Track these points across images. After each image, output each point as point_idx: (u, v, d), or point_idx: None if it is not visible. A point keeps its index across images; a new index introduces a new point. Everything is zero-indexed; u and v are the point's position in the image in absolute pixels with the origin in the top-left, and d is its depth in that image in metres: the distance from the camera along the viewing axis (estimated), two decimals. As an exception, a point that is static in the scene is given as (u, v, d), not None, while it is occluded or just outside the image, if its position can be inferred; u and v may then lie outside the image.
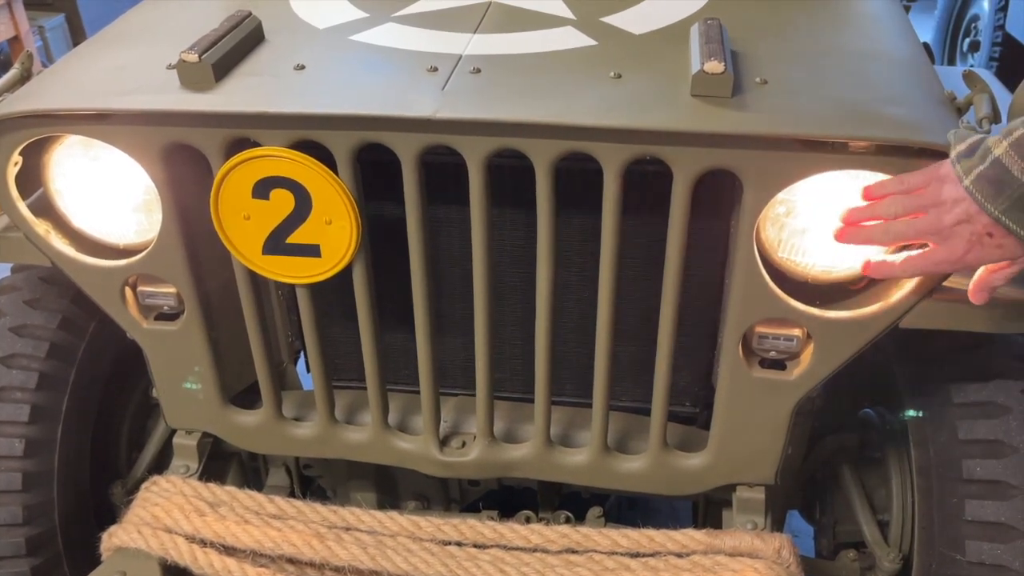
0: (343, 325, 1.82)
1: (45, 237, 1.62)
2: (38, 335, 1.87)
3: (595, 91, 1.43)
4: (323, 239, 1.50)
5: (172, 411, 1.83)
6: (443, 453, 1.74)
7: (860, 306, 1.50)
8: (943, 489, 1.65)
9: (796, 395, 1.58)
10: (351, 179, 1.46)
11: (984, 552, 1.57)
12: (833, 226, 1.42)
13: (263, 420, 1.79)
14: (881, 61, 1.55)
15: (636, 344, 1.75)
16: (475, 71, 1.49)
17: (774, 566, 1.52)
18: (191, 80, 1.46)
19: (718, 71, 1.36)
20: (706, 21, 1.51)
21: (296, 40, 1.65)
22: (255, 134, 1.44)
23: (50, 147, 1.58)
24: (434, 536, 1.62)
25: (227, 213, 1.49)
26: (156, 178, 1.51)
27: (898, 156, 1.34)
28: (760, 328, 1.54)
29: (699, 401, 1.85)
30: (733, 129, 1.33)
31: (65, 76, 1.59)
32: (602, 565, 1.55)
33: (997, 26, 5.14)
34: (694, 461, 1.69)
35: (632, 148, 1.37)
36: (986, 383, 1.65)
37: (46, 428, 1.85)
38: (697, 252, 1.57)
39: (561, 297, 1.61)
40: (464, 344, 1.77)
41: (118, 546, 1.60)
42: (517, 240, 1.67)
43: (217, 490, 1.69)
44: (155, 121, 1.46)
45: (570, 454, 1.72)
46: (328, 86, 1.49)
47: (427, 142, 1.41)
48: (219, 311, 1.71)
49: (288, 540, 1.59)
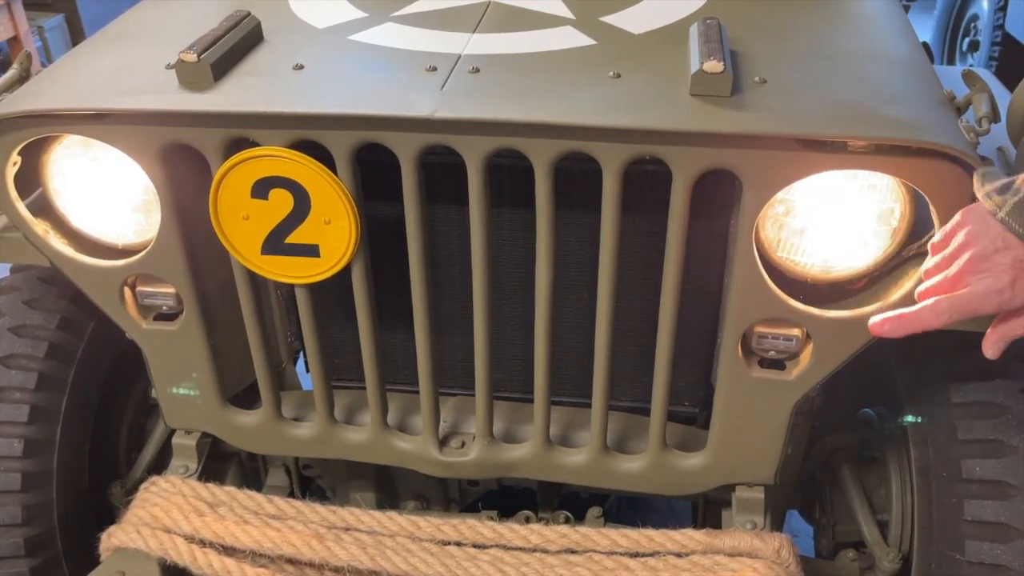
0: (342, 325, 1.81)
1: (44, 237, 1.62)
2: (37, 335, 1.87)
3: (594, 91, 1.43)
4: (322, 239, 1.50)
5: (171, 411, 1.83)
6: (442, 453, 1.74)
7: (859, 306, 1.49)
8: (942, 489, 1.65)
9: (795, 395, 1.58)
10: (350, 179, 1.45)
11: (984, 552, 1.56)
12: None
13: (262, 420, 1.79)
14: (880, 61, 1.55)
15: (635, 344, 1.75)
16: (474, 71, 1.49)
17: (773, 566, 1.52)
18: (190, 80, 1.46)
19: (717, 70, 1.36)
20: (705, 21, 1.51)
21: (295, 40, 1.65)
22: (254, 134, 1.44)
23: (49, 147, 1.58)
24: (433, 536, 1.62)
25: (226, 213, 1.49)
26: (155, 178, 1.51)
27: (898, 156, 1.33)
28: (759, 328, 1.54)
29: (698, 401, 1.85)
30: (732, 129, 1.33)
31: (64, 76, 1.59)
32: (601, 565, 1.54)
33: (996, 26, 5.14)
34: (693, 461, 1.69)
35: (631, 148, 1.37)
36: (985, 383, 1.65)
37: (45, 428, 1.85)
38: (696, 252, 1.57)
39: (560, 297, 1.61)
40: (463, 344, 1.77)
41: (117, 546, 1.60)
42: (516, 240, 1.67)
43: (216, 490, 1.68)
44: (154, 121, 1.46)
45: (569, 454, 1.72)
46: (327, 86, 1.49)
47: (426, 142, 1.41)
48: (218, 311, 1.71)
49: (287, 540, 1.59)
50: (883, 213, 1.45)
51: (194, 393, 1.76)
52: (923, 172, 1.34)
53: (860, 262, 1.50)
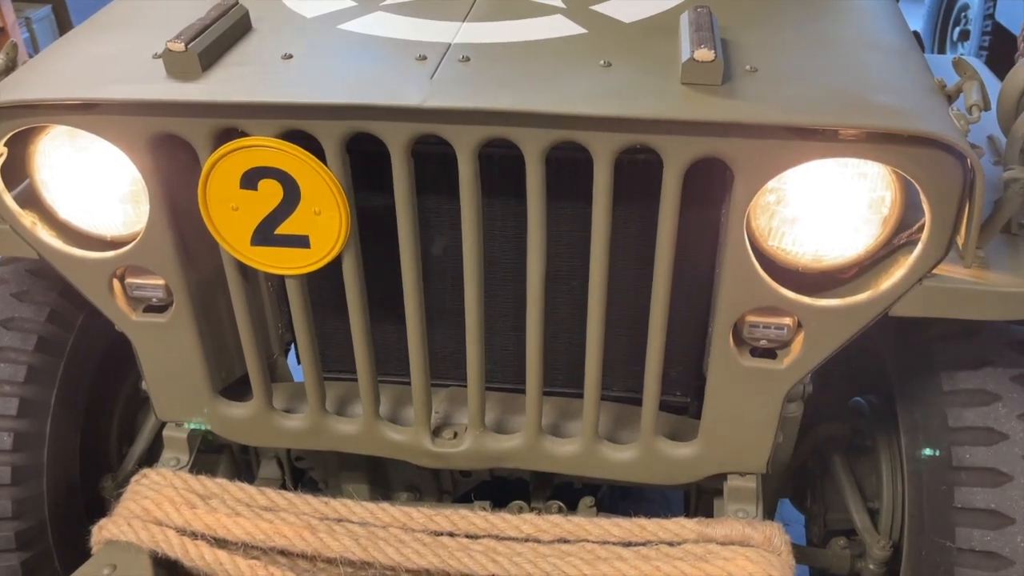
0: (333, 316, 1.81)
1: (31, 229, 1.61)
2: (26, 328, 1.86)
3: (585, 80, 1.42)
4: (312, 230, 1.49)
5: (162, 404, 1.82)
6: (435, 444, 1.73)
7: (850, 294, 1.50)
8: (933, 476, 1.65)
9: (787, 384, 1.58)
10: (340, 169, 1.45)
11: (974, 539, 1.57)
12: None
13: (254, 412, 1.78)
14: (871, 49, 1.55)
15: (627, 334, 1.75)
16: (464, 60, 1.48)
17: (765, 554, 1.52)
18: (177, 69, 1.44)
19: (708, 59, 1.35)
20: (696, 9, 1.50)
21: (284, 29, 1.63)
22: (242, 124, 1.43)
23: (35, 138, 1.56)
24: (426, 527, 1.62)
25: (215, 204, 1.48)
26: (143, 169, 1.50)
27: (888, 144, 1.33)
28: (751, 317, 1.54)
29: (690, 390, 1.85)
30: (723, 117, 1.33)
31: (50, 66, 1.57)
32: (594, 554, 1.55)
33: (987, 15, 5.15)
34: (685, 450, 1.69)
35: (622, 137, 1.36)
36: (976, 371, 1.65)
37: (35, 422, 1.84)
38: (688, 241, 1.56)
39: (552, 287, 1.61)
40: (455, 335, 1.77)
41: (108, 539, 1.60)
42: (508, 230, 1.66)
43: (208, 482, 1.68)
44: (141, 111, 1.45)
45: (561, 444, 1.72)
46: (316, 75, 1.48)
47: (416, 131, 1.40)
48: (208, 303, 1.70)
49: (279, 532, 1.58)
50: (874, 201, 1.45)
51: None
52: (914, 160, 1.34)
53: (851, 250, 1.50)
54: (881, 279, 1.48)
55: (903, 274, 1.45)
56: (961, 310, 1.50)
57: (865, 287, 1.49)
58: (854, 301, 1.48)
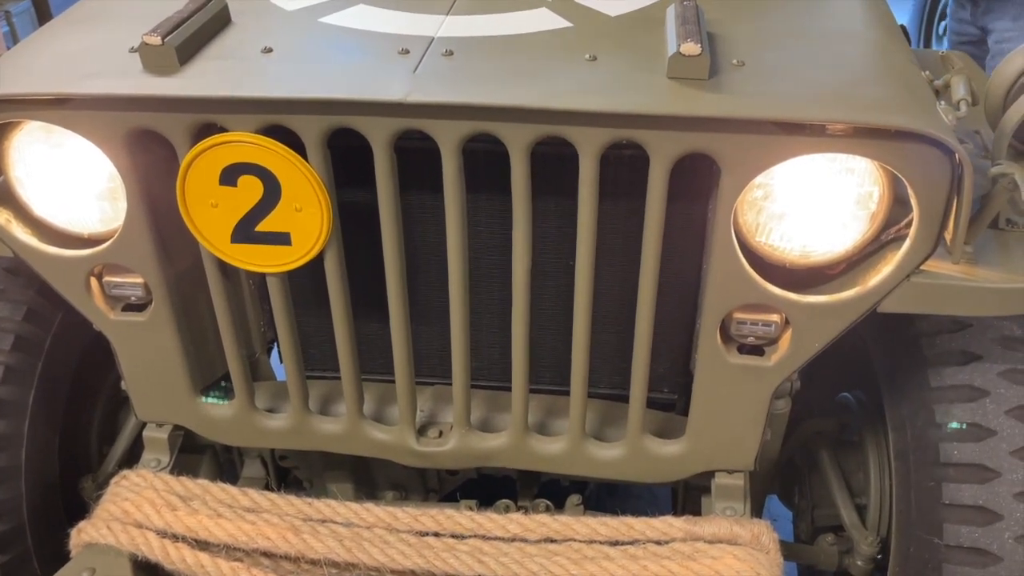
0: (316, 314, 1.79)
1: (6, 227, 1.58)
2: (3, 327, 1.83)
3: (570, 74, 1.40)
4: (293, 227, 1.47)
5: (142, 404, 1.79)
6: (420, 443, 1.72)
7: (838, 291, 1.49)
8: (920, 473, 1.65)
9: (774, 381, 1.58)
10: (321, 165, 1.42)
11: (962, 535, 1.57)
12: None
13: (235, 412, 1.76)
14: (858, 43, 1.54)
15: (614, 331, 1.74)
16: (448, 53, 1.46)
17: (753, 552, 1.52)
18: (154, 64, 1.42)
19: (695, 53, 1.34)
20: (682, 2, 1.48)
21: (264, 22, 1.61)
22: (221, 119, 1.40)
23: (10, 133, 1.53)
24: (411, 527, 1.60)
25: (194, 201, 1.45)
26: (120, 165, 1.47)
27: (876, 139, 1.32)
28: (738, 314, 1.53)
29: (677, 388, 1.84)
30: (710, 112, 1.31)
31: (24, 60, 1.54)
32: (581, 554, 1.53)
33: (972, 9, 5.15)
34: (672, 448, 1.68)
35: (608, 132, 1.35)
36: (963, 366, 1.65)
37: (12, 422, 1.81)
38: (675, 237, 1.55)
39: (538, 284, 1.60)
40: (440, 332, 1.75)
41: (87, 542, 1.57)
42: (493, 227, 1.65)
43: (189, 484, 1.65)
44: (117, 106, 1.42)
45: (548, 442, 1.71)
46: (297, 69, 1.45)
47: (399, 126, 1.38)
48: (188, 301, 1.68)
49: (263, 534, 1.56)
50: (861, 197, 1.44)
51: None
52: (901, 155, 1.33)
53: (838, 246, 1.49)
54: (869, 275, 1.47)
55: (891, 270, 1.44)
56: (949, 306, 1.50)
57: (853, 283, 1.48)
58: (842, 298, 1.47)
